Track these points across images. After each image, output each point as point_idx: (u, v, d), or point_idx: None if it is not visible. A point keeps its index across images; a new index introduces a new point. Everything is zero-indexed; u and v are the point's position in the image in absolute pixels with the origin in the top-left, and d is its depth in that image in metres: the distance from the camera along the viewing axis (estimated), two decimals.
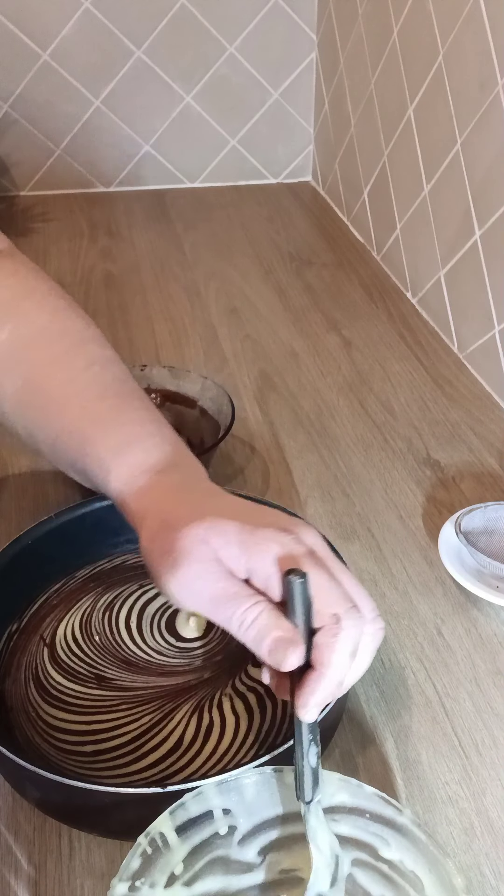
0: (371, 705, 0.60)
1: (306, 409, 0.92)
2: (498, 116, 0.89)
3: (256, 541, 0.44)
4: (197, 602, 0.44)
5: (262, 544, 0.44)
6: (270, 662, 0.43)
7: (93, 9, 1.38)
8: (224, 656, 0.60)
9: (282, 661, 0.43)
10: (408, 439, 0.87)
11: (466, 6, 0.93)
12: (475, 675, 0.62)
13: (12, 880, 0.49)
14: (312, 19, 1.47)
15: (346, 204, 1.43)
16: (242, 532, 0.44)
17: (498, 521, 0.72)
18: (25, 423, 0.56)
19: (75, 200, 1.52)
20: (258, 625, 0.43)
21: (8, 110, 1.45)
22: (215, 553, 0.44)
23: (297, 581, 0.42)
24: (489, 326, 0.94)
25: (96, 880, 0.49)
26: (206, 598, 0.44)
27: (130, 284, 1.21)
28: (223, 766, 0.53)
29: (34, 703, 0.57)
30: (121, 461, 0.51)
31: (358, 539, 0.74)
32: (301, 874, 0.46)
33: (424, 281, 1.12)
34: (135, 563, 0.68)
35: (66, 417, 0.54)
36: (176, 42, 1.44)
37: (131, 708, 0.56)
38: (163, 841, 0.43)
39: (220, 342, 1.06)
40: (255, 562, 0.44)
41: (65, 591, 0.65)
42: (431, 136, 1.06)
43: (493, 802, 0.54)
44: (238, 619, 0.43)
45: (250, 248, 1.33)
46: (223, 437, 0.75)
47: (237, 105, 1.52)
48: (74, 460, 0.54)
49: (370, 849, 0.45)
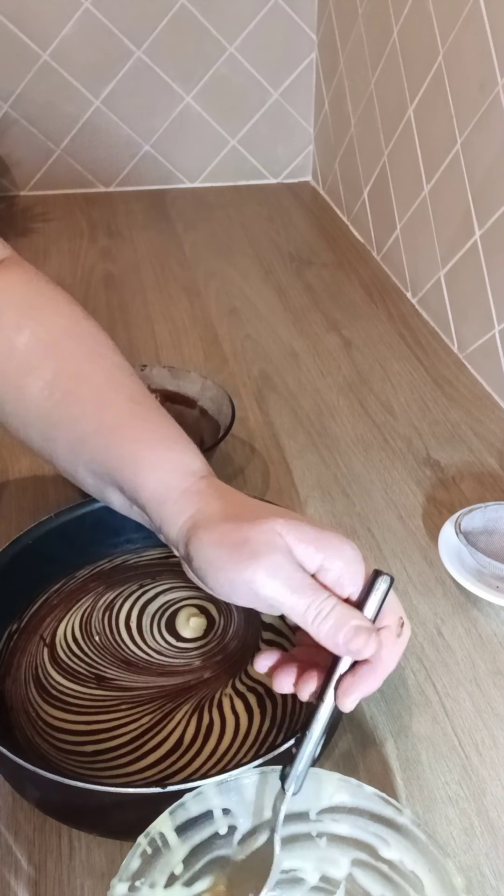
0: (371, 705, 0.60)
1: (306, 409, 0.92)
2: (498, 116, 0.89)
3: (330, 541, 0.47)
4: (276, 590, 0.45)
5: (338, 545, 0.47)
6: (347, 650, 0.46)
7: (93, 9, 1.38)
8: (224, 656, 0.60)
9: (362, 648, 0.45)
10: (408, 439, 0.87)
11: (466, 6, 0.93)
12: (475, 675, 0.62)
13: (12, 880, 0.49)
14: (312, 19, 1.47)
15: (346, 204, 1.43)
16: (315, 531, 0.47)
17: (498, 521, 0.72)
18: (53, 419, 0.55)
19: (75, 200, 1.52)
20: (336, 614, 0.45)
21: (8, 110, 1.45)
22: (290, 548, 0.46)
23: (386, 579, 0.47)
24: (489, 326, 0.95)
25: (96, 880, 0.49)
26: (286, 586, 0.45)
27: (130, 284, 1.21)
28: (223, 766, 0.53)
29: (34, 703, 0.57)
30: (164, 460, 0.52)
31: (358, 539, 0.74)
32: (301, 874, 0.46)
33: (424, 281, 1.12)
34: (135, 563, 0.68)
35: (105, 412, 0.54)
36: (176, 42, 1.44)
37: (131, 708, 0.56)
38: (163, 841, 0.43)
39: (220, 342, 1.06)
40: (331, 560, 0.47)
41: (65, 591, 0.65)
42: (431, 136, 1.06)
43: (493, 802, 0.54)
44: (316, 608, 0.45)
45: (250, 248, 1.33)
46: (223, 437, 0.75)
47: (237, 105, 1.52)
48: (103, 459, 0.53)
49: (370, 849, 0.45)
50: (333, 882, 0.46)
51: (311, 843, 0.46)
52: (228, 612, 0.64)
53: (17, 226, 1.42)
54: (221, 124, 1.54)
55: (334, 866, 0.46)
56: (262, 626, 0.63)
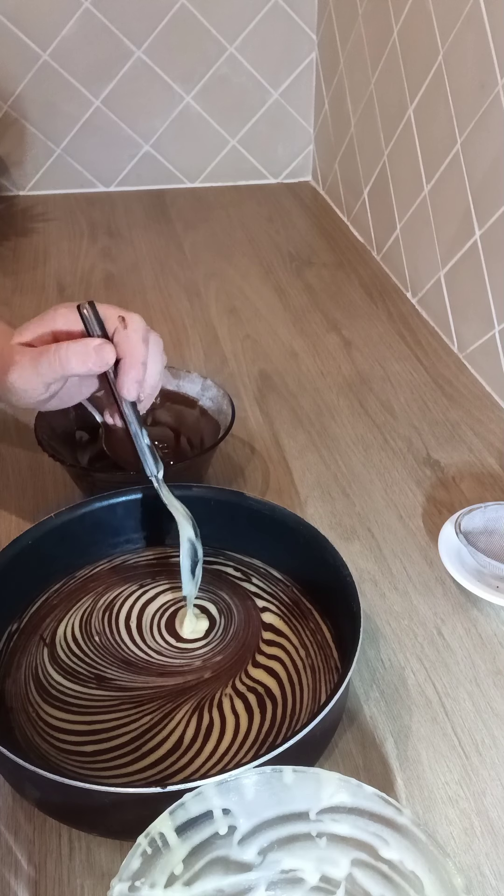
0: (371, 705, 0.60)
1: (306, 409, 0.92)
2: (498, 116, 0.89)
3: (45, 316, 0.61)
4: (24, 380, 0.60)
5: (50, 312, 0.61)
6: (98, 367, 0.59)
7: (93, 9, 1.38)
8: (224, 657, 0.60)
9: (106, 358, 0.59)
10: (408, 439, 0.87)
11: (466, 6, 0.93)
12: (475, 675, 0.62)
13: (12, 880, 0.49)
14: (312, 19, 1.47)
15: (346, 204, 1.43)
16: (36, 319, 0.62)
17: (498, 521, 0.72)
18: None
19: (75, 200, 1.52)
20: (72, 350, 0.58)
21: (8, 110, 1.45)
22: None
23: (85, 305, 0.60)
24: (489, 326, 0.95)
25: (96, 880, 0.49)
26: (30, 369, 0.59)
27: (130, 284, 1.21)
28: (223, 766, 0.53)
29: (34, 703, 0.57)
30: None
31: (358, 539, 0.74)
32: (301, 874, 0.46)
33: (424, 281, 1.12)
34: (135, 563, 0.68)
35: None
36: (176, 42, 1.44)
37: (131, 708, 0.56)
38: (163, 841, 0.43)
39: (220, 342, 1.06)
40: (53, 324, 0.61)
41: (65, 591, 0.66)
42: (431, 136, 1.06)
43: (493, 802, 0.54)
44: (54, 359, 0.58)
45: (250, 247, 1.33)
46: (223, 437, 0.75)
47: (237, 105, 1.52)
48: None
49: (370, 849, 0.45)
50: (333, 882, 0.46)
51: (311, 843, 0.46)
52: (228, 613, 0.64)
53: (17, 226, 1.42)
54: (221, 124, 1.54)
55: (334, 866, 0.46)
56: (262, 626, 0.63)
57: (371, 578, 0.70)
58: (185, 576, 0.62)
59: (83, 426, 0.77)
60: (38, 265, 1.27)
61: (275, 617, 0.63)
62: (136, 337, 0.61)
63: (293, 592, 0.66)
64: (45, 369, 0.59)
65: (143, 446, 0.62)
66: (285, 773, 0.46)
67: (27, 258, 1.29)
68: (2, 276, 1.23)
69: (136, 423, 0.62)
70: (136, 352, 0.60)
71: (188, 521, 0.62)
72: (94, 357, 0.59)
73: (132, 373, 0.60)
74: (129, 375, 0.60)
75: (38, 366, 0.59)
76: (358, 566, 0.71)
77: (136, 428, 0.62)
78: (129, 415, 0.62)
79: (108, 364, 0.60)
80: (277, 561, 0.68)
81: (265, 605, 0.65)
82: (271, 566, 0.68)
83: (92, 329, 0.60)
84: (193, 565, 0.62)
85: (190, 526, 0.62)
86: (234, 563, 0.68)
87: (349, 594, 0.57)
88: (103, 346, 0.59)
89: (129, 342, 0.60)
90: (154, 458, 0.63)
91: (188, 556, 0.62)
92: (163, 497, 0.63)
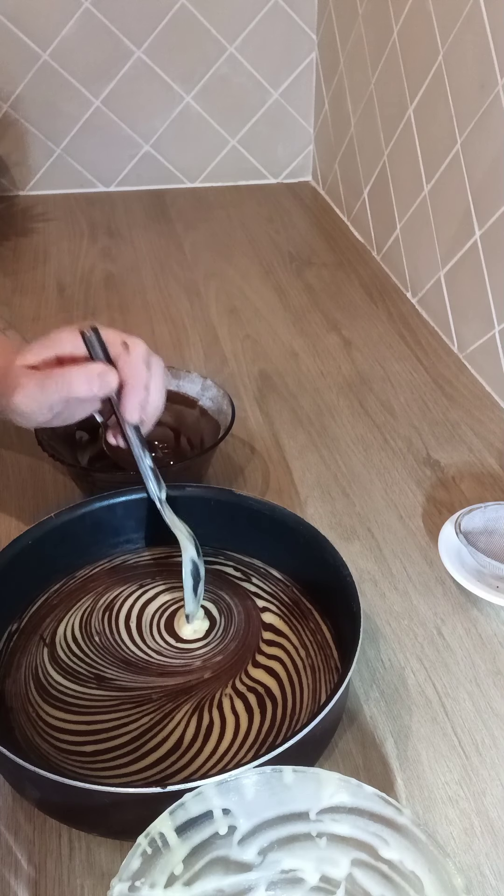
0: (371, 705, 0.60)
1: (306, 409, 0.92)
2: (498, 116, 0.89)
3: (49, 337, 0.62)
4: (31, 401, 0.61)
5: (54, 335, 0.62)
6: (102, 391, 0.60)
7: (93, 9, 1.38)
8: (224, 657, 0.60)
9: (110, 383, 0.60)
10: (408, 439, 0.87)
11: (466, 6, 0.93)
12: (475, 675, 0.62)
13: (12, 880, 0.49)
14: (312, 19, 1.47)
15: (346, 204, 1.43)
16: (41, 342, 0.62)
17: (498, 521, 0.72)
18: None
19: (75, 200, 1.52)
20: (77, 375, 0.59)
21: (8, 110, 1.45)
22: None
23: (89, 330, 0.61)
24: (489, 326, 0.95)
25: (96, 880, 0.49)
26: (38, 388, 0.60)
27: (130, 284, 1.21)
28: (223, 766, 0.53)
29: (34, 703, 0.57)
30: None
31: (358, 539, 0.74)
32: (301, 874, 0.46)
33: (424, 281, 1.12)
34: (135, 563, 0.68)
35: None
36: (176, 42, 1.44)
37: (131, 708, 0.56)
38: (163, 841, 0.43)
39: (220, 342, 1.06)
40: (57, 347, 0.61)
41: (65, 591, 0.66)
42: (431, 136, 1.06)
43: (493, 802, 0.54)
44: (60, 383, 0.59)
45: (250, 247, 1.33)
46: (223, 437, 0.75)
47: (237, 105, 1.52)
48: None
49: (370, 849, 0.45)
50: (333, 882, 0.46)
51: (311, 843, 0.46)
52: (229, 613, 0.64)
53: (17, 226, 1.42)
54: (221, 124, 1.54)
55: (334, 866, 0.46)
56: (262, 626, 0.63)
57: (371, 578, 0.70)
58: (188, 594, 0.62)
59: (83, 426, 0.77)
60: (38, 265, 1.27)
61: (275, 617, 0.64)
62: (139, 361, 0.62)
63: (293, 592, 0.66)
64: (50, 393, 0.60)
65: (146, 468, 0.63)
66: (285, 774, 0.46)
67: (27, 258, 1.29)
68: (2, 276, 1.23)
69: (138, 445, 0.62)
70: (139, 376, 0.61)
71: (191, 542, 0.63)
72: (98, 382, 0.60)
73: (135, 397, 0.61)
74: (131, 399, 0.61)
75: (45, 390, 0.60)
76: (358, 566, 0.71)
77: (138, 451, 0.62)
78: (132, 437, 0.62)
79: (111, 388, 0.60)
80: (277, 561, 0.68)
81: (265, 605, 0.65)
82: (271, 566, 0.68)
83: (95, 353, 0.61)
84: (196, 584, 0.62)
85: (192, 546, 0.62)
86: (234, 563, 0.68)
87: (349, 594, 0.57)
88: (107, 372, 0.60)
89: (131, 366, 0.61)
90: (157, 480, 0.63)
91: (191, 576, 0.62)
92: (165, 518, 0.63)
